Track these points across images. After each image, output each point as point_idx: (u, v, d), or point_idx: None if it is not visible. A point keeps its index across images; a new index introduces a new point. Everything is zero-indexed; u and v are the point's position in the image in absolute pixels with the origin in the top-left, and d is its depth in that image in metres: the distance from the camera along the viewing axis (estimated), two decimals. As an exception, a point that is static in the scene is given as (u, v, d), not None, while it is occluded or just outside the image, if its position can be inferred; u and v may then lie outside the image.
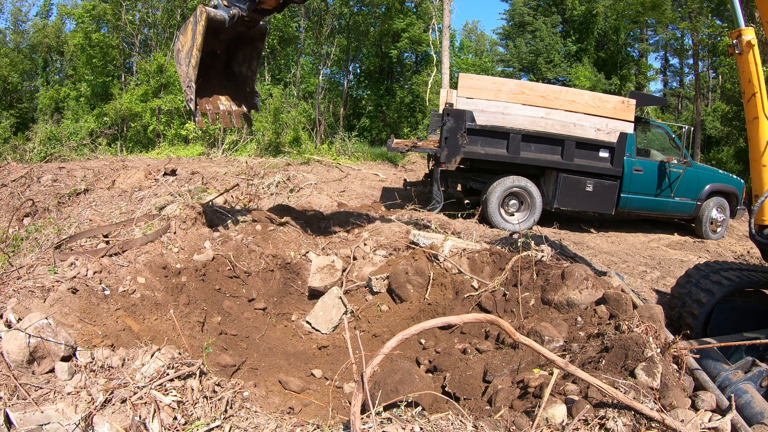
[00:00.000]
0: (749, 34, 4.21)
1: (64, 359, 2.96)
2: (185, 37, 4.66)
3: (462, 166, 9.63)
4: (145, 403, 2.65)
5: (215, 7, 4.80)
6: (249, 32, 5.20)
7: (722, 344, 3.54)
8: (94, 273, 4.14)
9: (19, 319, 3.13)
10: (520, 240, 5.31)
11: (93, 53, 21.78)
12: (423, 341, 4.50)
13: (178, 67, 4.80)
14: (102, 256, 4.46)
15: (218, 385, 3.01)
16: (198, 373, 2.95)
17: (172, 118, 21.53)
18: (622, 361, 2.97)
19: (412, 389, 3.06)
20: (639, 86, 28.06)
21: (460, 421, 2.70)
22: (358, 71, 27.69)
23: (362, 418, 2.53)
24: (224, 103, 5.43)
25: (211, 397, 2.85)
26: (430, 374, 3.78)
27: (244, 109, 5.61)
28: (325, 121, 22.96)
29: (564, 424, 2.56)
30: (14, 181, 9.16)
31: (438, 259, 5.36)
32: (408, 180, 12.36)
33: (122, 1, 22.26)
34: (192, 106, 4.83)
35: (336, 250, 6.15)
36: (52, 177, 9.29)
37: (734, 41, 4.32)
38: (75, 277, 3.96)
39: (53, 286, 3.74)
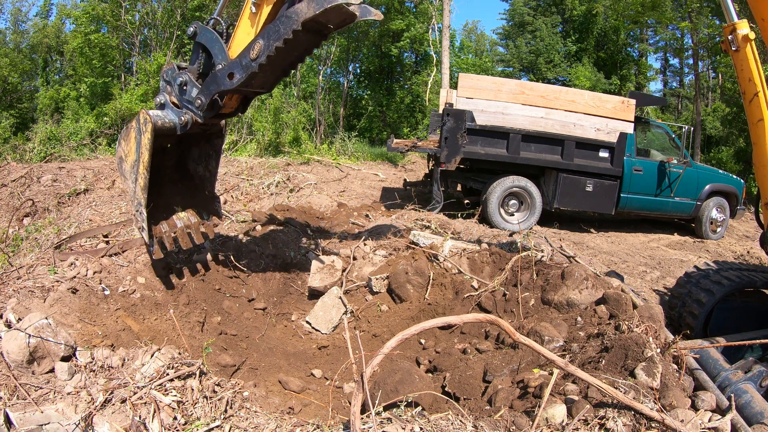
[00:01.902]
0: (744, 28, 3.79)
1: (64, 359, 2.96)
2: (128, 146, 4.02)
3: (462, 166, 9.62)
4: (145, 403, 2.65)
5: (162, 106, 4.25)
6: (205, 130, 4.59)
7: (738, 343, 3.52)
8: (94, 273, 4.14)
9: (19, 319, 3.13)
10: (519, 240, 5.31)
11: (92, 55, 21.76)
12: (423, 341, 4.50)
13: (122, 179, 4.19)
14: (102, 256, 4.46)
15: (218, 385, 3.01)
16: (198, 373, 2.95)
17: (172, 118, 21.46)
18: (622, 361, 2.97)
19: (412, 389, 3.06)
20: (639, 86, 28.04)
21: (460, 421, 2.70)
22: (358, 71, 27.69)
23: (362, 418, 2.53)
24: (182, 217, 4.62)
25: (211, 397, 2.85)
26: (430, 374, 3.78)
27: (206, 219, 4.85)
28: (325, 121, 22.94)
29: (564, 424, 2.56)
30: (14, 181, 9.16)
31: (438, 259, 5.36)
32: (408, 180, 12.36)
33: (122, 1, 22.25)
34: (145, 235, 4.07)
35: (336, 250, 6.15)
36: (52, 177, 9.29)
37: (729, 37, 3.88)
38: (75, 277, 3.96)
39: (53, 286, 3.74)
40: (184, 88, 4.22)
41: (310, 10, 3.60)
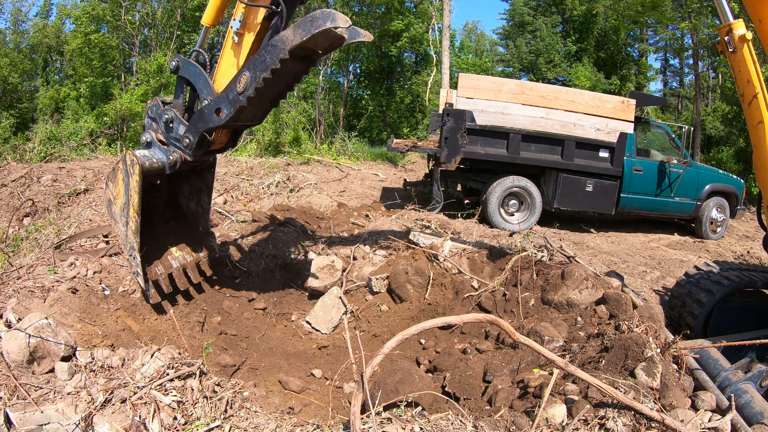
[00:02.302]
0: (741, 28, 3.61)
1: (64, 359, 2.96)
2: (116, 189, 3.85)
3: (462, 166, 9.62)
4: (145, 403, 2.65)
5: (148, 145, 4.06)
6: (195, 166, 4.42)
7: (738, 343, 3.51)
8: (94, 273, 4.14)
9: (19, 319, 3.13)
10: (519, 240, 5.31)
11: (92, 55, 21.77)
12: (423, 341, 4.50)
13: (113, 222, 3.96)
14: (102, 256, 4.46)
15: (218, 385, 3.01)
16: (198, 373, 2.95)
17: (172, 118, 21.47)
18: (622, 361, 2.97)
19: (412, 389, 3.06)
20: (639, 86, 28.04)
21: (460, 421, 2.70)
22: (358, 71, 27.68)
23: (362, 418, 2.53)
24: (176, 256, 4.46)
25: (211, 397, 2.85)
26: (430, 374, 3.78)
27: (201, 255, 4.71)
28: (325, 121, 22.94)
29: (564, 424, 2.56)
30: (14, 181, 9.16)
31: (438, 259, 5.36)
32: (408, 180, 12.36)
33: (122, 1, 22.25)
34: (141, 281, 3.91)
35: (336, 250, 6.15)
36: (52, 177, 9.29)
37: (725, 38, 3.70)
38: (75, 277, 3.96)
39: (53, 286, 3.74)
40: (171, 125, 4.06)
41: (296, 37, 3.43)
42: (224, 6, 4.24)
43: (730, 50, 3.69)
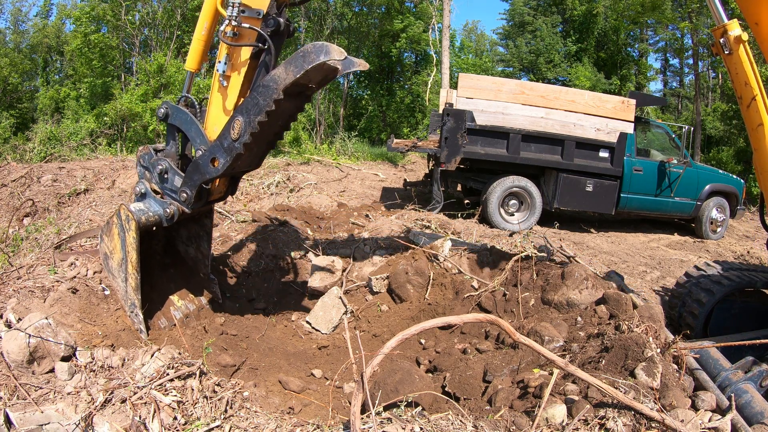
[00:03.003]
0: (736, 29, 3.53)
1: (64, 359, 2.96)
2: (112, 243, 3.72)
3: (462, 166, 9.63)
4: (145, 403, 2.65)
5: (143, 196, 3.89)
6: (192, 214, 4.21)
7: (738, 343, 3.51)
8: (94, 273, 4.13)
9: (19, 319, 3.13)
10: (519, 240, 5.31)
11: (92, 55, 21.77)
12: (423, 341, 4.50)
13: (110, 277, 3.83)
14: (102, 256, 4.45)
15: (218, 385, 3.01)
16: (198, 373, 2.95)
17: (172, 118, 21.48)
18: (622, 361, 2.97)
19: (412, 389, 3.06)
20: (639, 86, 28.03)
21: (460, 421, 2.70)
22: (358, 71, 27.71)
23: (362, 418, 2.53)
24: (178, 305, 4.31)
25: (211, 397, 2.85)
26: (430, 374, 3.78)
27: (203, 301, 4.55)
28: (325, 121, 22.94)
29: (564, 424, 2.56)
30: (14, 181, 9.16)
31: (438, 259, 5.36)
32: (408, 180, 12.36)
33: (122, 1, 22.25)
34: (144, 337, 3.74)
35: (336, 250, 6.15)
36: (52, 177, 9.29)
37: (720, 40, 3.61)
38: (75, 277, 3.96)
39: (53, 286, 3.74)
40: (165, 176, 3.89)
41: (289, 75, 3.28)
42: (207, 49, 4.07)
43: (726, 52, 3.61)
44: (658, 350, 3.00)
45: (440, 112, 10.31)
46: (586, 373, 2.72)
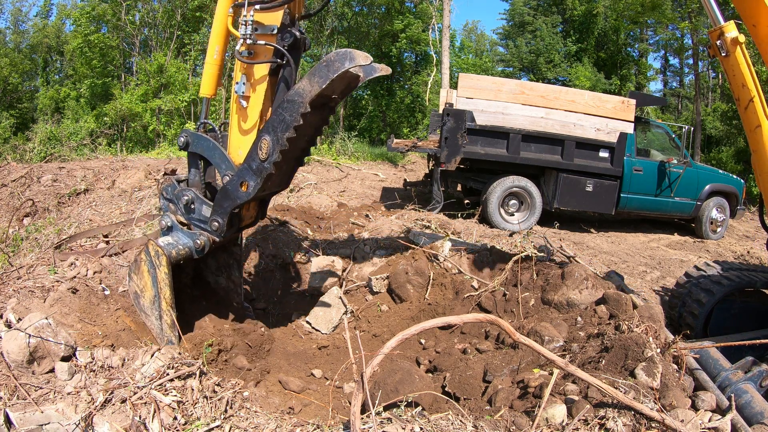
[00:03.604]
0: (732, 30, 3.50)
1: (64, 359, 2.96)
2: (141, 281, 3.61)
3: (462, 166, 9.63)
4: (145, 403, 2.65)
5: (169, 229, 3.76)
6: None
7: (738, 343, 3.50)
8: (94, 273, 4.14)
9: (19, 319, 3.13)
10: (519, 240, 5.31)
11: (92, 55, 21.79)
12: (423, 341, 4.50)
13: (143, 316, 3.70)
14: (102, 256, 4.46)
15: (218, 385, 3.01)
16: (198, 373, 2.95)
17: (172, 118, 21.54)
18: (622, 361, 2.97)
19: (412, 389, 3.06)
20: (639, 86, 28.04)
21: (460, 421, 2.70)
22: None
23: (362, 418, 2.53)
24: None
25: (211, 397, 2.85)
26: (430, 374, 3.78)
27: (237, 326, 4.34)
28: (325, 121, 22.94)
29: (564, 424, 2.56)
30: (14, 181, 9.16)
31: (438, 259, 5.36)
32: (408, 180, 12.36)
33: (122, 1, 22.26)
34: None
35: (336, 250, 6.15)
36: (52, 177, 9.29)
37: (717, 42, 3.58)
38: (75, 277, 3.96)
39: (53, 286, 3.74)
40: (192, 206, 3.76)
41: (314, 87, 3.17)
42: (221, 72, 3.98)
43: (723, 54, 3.59)
44: (658, 350, 3.01)
45: (440, 112, 10.31)
46: (586, 373, 2.72)
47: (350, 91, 3.70)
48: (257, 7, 3.47)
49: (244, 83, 3.63)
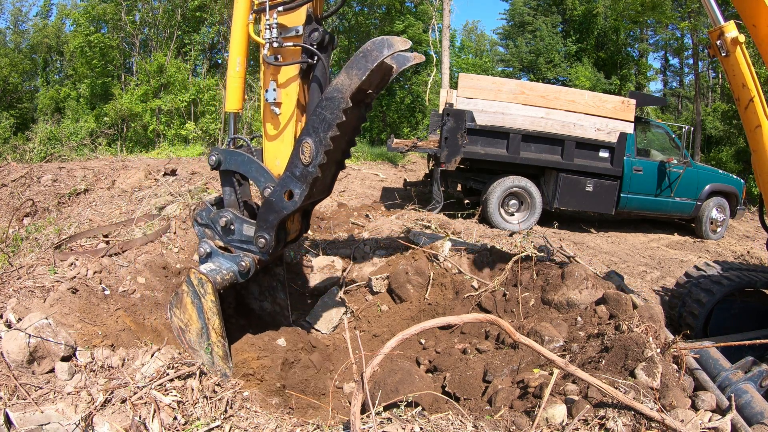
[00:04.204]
0: (732, 30, 3.50)
1: (64, 359, 2.96)
2: (185, 314, 3.44)
3: (462, 166, 9.63)
4: (145, 403, 2.65)
5: (209, 255, 3.59)
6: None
7: (738, 343, 3.50)
8: (94, 273, 4.14)
9: (19, 319, 3.13)
10: (519, 240, 5.31)
11: (92, 55, 21.79)
12: (423, 341, 4.50)
13: (191, 352, 3.46)
14: (102, 256, 4.46)
15: (218, 385, 3.01)
16: (198, 373, 2.95)
17: (172, 118, 21.55)
18: (622, 361, 2.97)
19: (412, 389, 3.06)
20: (639, 86, 28.05)
21: (460, 421, 2.70)
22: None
23: (362, 418, 2.53)
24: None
25: (211, 397, 2.85)
26: (430, 374, 3.78)
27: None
28: (325, 121, 22.95)
29: (564, 424, 2.56)
30: (14, 181, 9.16)
31: (438, 259, 5.35)
32: (408, 180, 12.36)
33: (122, 0, 22.26)
34: None
35: (336, 250, 6.15)
36: (52, 177, 9.29)
37: (717, 42, 3.57)
38: (75, 277, 3.96)
39: (53, 286, 3.74)
40: (231, 227, 3.58)
41: (353, 80, 3.03)
42: (244, 84, 3.86)
43: (723, 54, 3.58)
44: (658, 350, 3.00)
45: (440, 112, 10.31)
46: (586, 373, 2.72)
47: (385, 85, 3.55)
48: (280, 9, 3.36)
49: (274, 89, 3.50)
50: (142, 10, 23.35)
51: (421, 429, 2.56)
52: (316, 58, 3.43)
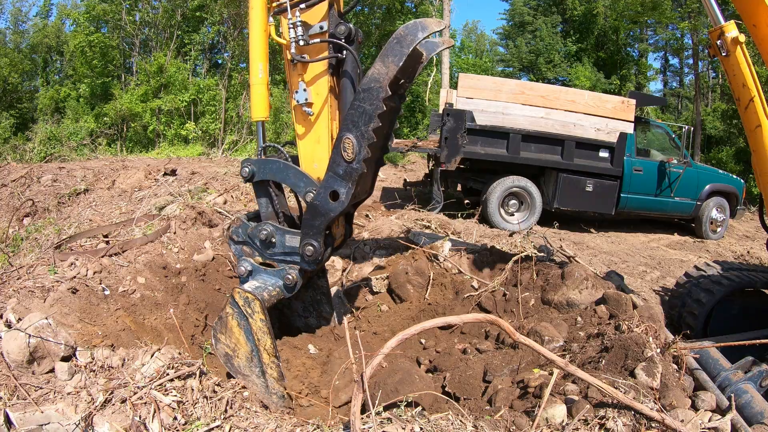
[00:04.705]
0: (732, 30, 3.48)
1: (64, 359, 2.95)
2: (231, 339, 3.23)
3: (462, 166, 9.63)
4: (145, 403, 2.65)
5: (251, 273, 3.46)
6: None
7: (738, 343, 3.50)
8: (94, 273, 4.14)
9: (19, 319, 3.13)
10: (519, 240, 5.31)
11: (92, 55, 21.80)
12: (423, 341, 4.50)
13: (241, 378, 3.22)
14: (102, 256, 4.46)
15: (218, 385, 3.01)
16: (198, 373, 2.95)
17: (172, 118, 21.56)
18: (622, 361, 2.97)
19: (412, 389, 3.06)
20: (639, 86, 28.08)
21: (460, 421, 2.70)
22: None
23: (362, 418, 2.53)
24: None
25: (211, 397, 2.85)
26: (431, 374, 3.78)
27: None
28: (325, 121, 22.95)
29: (564, 424, 2.56)
30: (14, 181, 9.17)
31: (438, 259, 5.35)
32: (408, 180, 12.36)
33: (123, 0, 22.26)
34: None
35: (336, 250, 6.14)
36: (52, 177, 9.30)
37: (717, 42, 3.56)
38: (75, 277, 3.96)
39: (53, 286, 3.74)
40: (272, 240, 3.42)
41: (390, 67, 2.92)
42: (269, 90, 3.71)
43: (723, 54, 3.56)
44: (658, 350, 3.01)
45: (440, 112, 10.32)
46: (586, 373, 2.72)
47: (416, 73, 3.44)
48: (302, 6, 3.27)
49: (304, 90, 3.40)
50: (142, 10, 23.35)
51: (421, 429, 2.56)
52: (345, 52, 3.33)
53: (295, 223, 3.66)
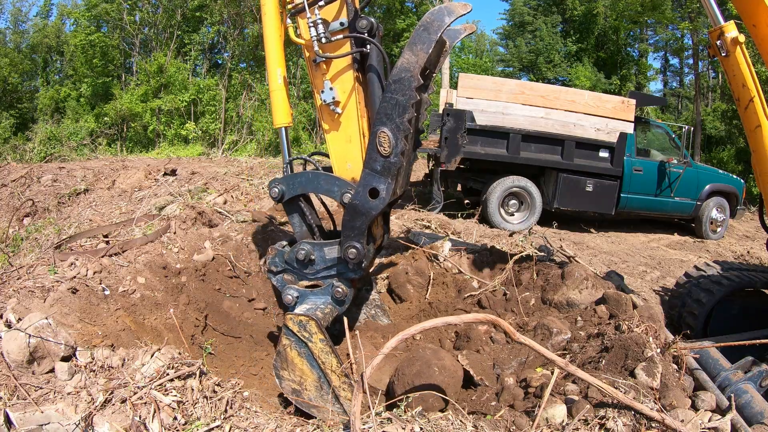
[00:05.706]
0: (732, 30, 3.48)
1: (64, 359, 2.95)
2: (294, 371, 3.07)
3: (462, 166, 9.63)
4: (145, 403, 2.65)
5: (297, 298, 3.34)
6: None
7: (738, 343, 3.50)
8: (94, 273, 4.14)
9: (19, 319, 3.13)
10: (519, 240, 5.31)
11: (92, 54, 21.82)
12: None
13: (314, 411, 3.07)
14: (102, 256, 4.46)
15: (218, 385, 3.01)
16: (198, 373, 2.95)
17: (172, 118, 21.56)
18: (622, 361, 2.97)
19: (431, 381, 3.02)
20: (639, 86, 28.06)
21: (460, 421, 2.70)
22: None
23: (362, 418, 2.53)
24: None
25: (211, 397, 2.85)
26: (457, 351, 3.71)
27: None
28: (326, 121, 22.96)
29: (564, 424, 2.56)
30: (14, 181, 9.17)
31: (438, 259, 5.36)
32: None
33: (123, 0, 22.26)
34: None
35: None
36: (52, 177, 9.30)
37: (717, 42, 3.55)
38: (75, 277, 3.96)
39: (53, 286, 3.73)
40: (311, 258, 3.32)
41: (420, 55, 2.86)
42: (289, 97, 3.68)
43: (723, 54, 3.55)
44: (658, 350, 3.01)
45: (440, 112, 10.32)
46: (586, 373, 2.72)
47: (440, 62, 3.35)
48: (320, 3, 3.23)
49: (330, 88, 3.33)
50: (142, 10, 23.35)
51: (421, 429, 2.56)
52: (369, 46, 3.27)
53: (329, 235, 3.56)
